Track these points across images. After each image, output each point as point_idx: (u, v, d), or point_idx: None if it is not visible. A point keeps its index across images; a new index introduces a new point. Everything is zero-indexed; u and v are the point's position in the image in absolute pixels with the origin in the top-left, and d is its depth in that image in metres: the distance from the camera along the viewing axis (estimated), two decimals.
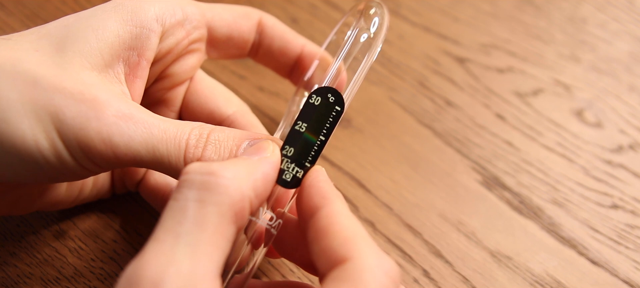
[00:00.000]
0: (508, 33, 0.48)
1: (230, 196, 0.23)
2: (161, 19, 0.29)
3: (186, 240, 0.21)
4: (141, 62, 0.29)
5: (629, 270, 0.35)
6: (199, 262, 0.21)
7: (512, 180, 0.39)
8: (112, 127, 0.25)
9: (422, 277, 0.34)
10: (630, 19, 0.50)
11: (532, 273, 0.35)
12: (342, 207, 0.25)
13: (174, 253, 0.21)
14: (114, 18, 0.28)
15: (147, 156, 0.26)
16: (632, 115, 0.43)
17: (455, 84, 0.44)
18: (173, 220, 0.22)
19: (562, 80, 0.45)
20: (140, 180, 0.34)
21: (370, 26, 0.31)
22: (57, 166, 0.26)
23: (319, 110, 0.27)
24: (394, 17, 0.49)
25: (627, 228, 0.37)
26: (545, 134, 0.42)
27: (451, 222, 0.37)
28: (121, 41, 0.28)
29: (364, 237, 0.24)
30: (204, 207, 0.22)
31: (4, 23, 0.45)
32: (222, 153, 0.27)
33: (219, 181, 0.23)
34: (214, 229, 0.22)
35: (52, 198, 0.31)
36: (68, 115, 0.25)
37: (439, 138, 0.41)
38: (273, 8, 0.48)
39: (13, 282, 0.32)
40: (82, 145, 0.25)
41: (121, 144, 0.25)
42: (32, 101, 0.25)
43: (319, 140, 0.27)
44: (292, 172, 0.27)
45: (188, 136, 0.27)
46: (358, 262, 0.22)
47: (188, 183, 0.23)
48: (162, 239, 0.22)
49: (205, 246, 0.22)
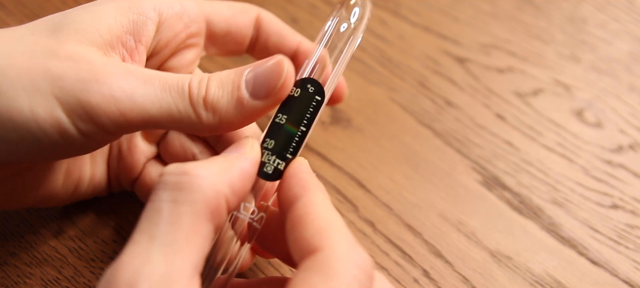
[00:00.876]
0: (508, 33, 0.48)
1: (204, 194, 0.23)
2: (158, 9, 0.29)
3: (161, 241, 0.21)
4: (138, 47, 0.29)
5: (629, 270, 0.35)
6: (174, 262, 0.21)
7: (512, 180, 0.39)
8: (113, 85, 0.25)
9: (422, 277, 0.34)
10: (630, 19, 0.50)
11: (532, 273, 0.35)
12: (321, 197, 0.25)
13: (149, 254, 0.21)
14: (112, 6, 0.28)
15: (154, 109, 0.26)
16: (632, 115, 0.43)
17: (455, 84, 0.44)
18: (148, 222, 0.22)
19: (562, 80, 0.45)
20: (136, 179, 0.34)
21: (350, 16, 0.31)
22: (57, 138, 0.25)
23: (299, 101, 0.28)
24: (394, 17, 0.49)
25: (627, 228, 0.37)
26: (545, 133, 0.42)
27: (451, 222, 0.37)
28: (119, 24, 0.28)
29: (339, 227, 0.24)
30: (177, 206, 0.22)
31: (3, 23, 0.45)
32: (226, 88, 0.26)
33: (192, 180, 0.23)
34: (189, 228, 0.22)
35: (48, 191, 0.31)
36: (67, 81, 0.24)
37: (439, 138, 0.41)
38: (273, 8, 0.48)
39: (13, 282, 0.32)
40: (85, 107, 0.25)
41: (125, 98, 0.25)
42: (28, 72, 0.24)
43: (299, 131, 0.27)
44: (273, 165, 0.27)
45: (190, 81, 0.26)
46: (329, 252, 0.22)
47: (163, 185, 0.23)
48: (138, 241, 0.22)
49: (181, 245, 0.22)
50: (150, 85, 0.26)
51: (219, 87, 0.27)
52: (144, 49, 0.29)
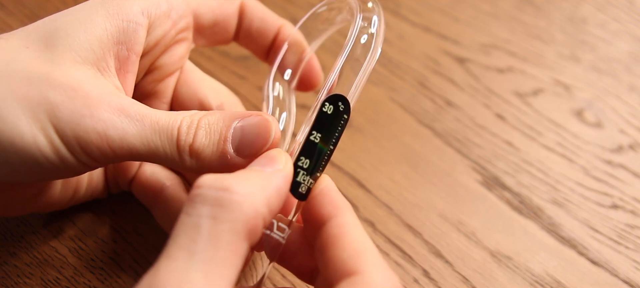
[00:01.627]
0: (508, 33, 0.48)
1: (244, 213, 0.22)
2: (147, 12, 0.30)
3: (200, 258, 0.21)
4: (130, 56, 0.29)
5: (629, 270, 0.35)
6: (213, 281, 0.21)
7: (512, 180, 0.39)
8: (107, 123, 0.26)
9: (422, 277, 0.34)
10: (630, 19, 0.50)
11: (532, 273, 0.35)
12: (353, 219, 0.25)
13: (188, 271, 0.21)
14: (101, 13, 0.28)
15: (142, 148, 0.26)
16: (632, 115, 0.43)
17: (455, 84, 0.44)
18: (186, 237, 0.22)
19: (562, 80, 0.45)
20: (132, 179, 0.34)
21: (371, 25, 0.30)
22: (57, 163, 0.26)
23: (331, 119, 0.27)
24: (394, 17, 0.49)
25: (627, 228, 0.37)
26: (545, 134, 0.42)
27: (451, 222, 0.37)
28: (109, 35, 0.28)
29: (374, 252, 0.24)
30: (217, 224, 0.22)
31: (3, 23, 0.45)
32: (212, 137, 0.27)
33: (232, 197, 0.22)
34: (228, 247, 0.22)
35: (47, 199, 0.31)
36: (64, 112, 0.25)
37: (439, 138, 0.41)
38: (273, 8, 0.48)
39: (13, 282, 0.32)
40: (80, 141, 0.25)
41: (116, 138, 0.26)
42: (27, 99, 0.25)
43: (329, 149, 0.27)
44: (307, 185, 0.27)
45: (180, 124, 0.27)
46: (367, 277, 0.23)
47: (201, 199, 0.23)
48: (176, 256, 0.21)
49: (219, 264, 0.22)
50: (142, 126, 0.26)
51: (206, 136, 0.27)
52: (137, 58, 0.29)
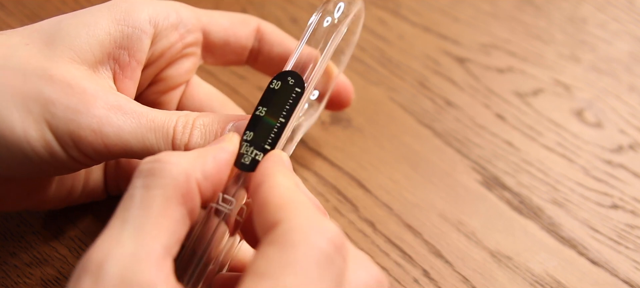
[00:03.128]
0: (508, 33, 0.48)
1: (174, 178, 0.23)
2: (154, 21, 0.30)
3: (132, 224, 0.22)
4: (131, 62, 0.29)
5: (629, 270, 0.35)
6: (144, 243, 0.21)
7: (512, 180, 0.39)
8: (103, 119, 0.26)
9: (422, 277, 0.34)
10: (630, 19, 0.50)
11: (532, 273, 0.35)
12: (282, 180, 0.24)
13: (119, 237, 0.21)
14: (107, 17, 0.28)
15: (137, 146, 0.26)
16: (632, 115, 0.43)
17: (455, 84, 0.44)
18: (122, 208, 0.23)
19: (562, 80, 0.45)
20: None
21: (335, 10, 0.31)
22: (47, 158, 0.26)
23: (278, 93, 0.28)
24: (394, 17, 0.49)
25: (627, 228, 0.37)
26: (545, 134, 0.42)
27: (451, 222, 0.37)
28: (112, 39, 0.28)
29: (300, 202, 0.23)
30: (148, 190, 0.23)
31: (3, 23, 0.45)
32: (208, 138, 0.27)
33: (163, 166, 0.23)
34: (159, 211, 0.22)
35: (41, 196, 0.31)
36: (58, 107, 0.25)
37: (439, 138, 0.41)
38: (273, 8, 0.48)
39: (13, 282, 0.32)
40: (74, 137, 0.25)
41: (111, 134, 0.26)
42: (22, 93, 0.25)
43: (278, 122, 0.27)
44: (251, 156, 0.27)
45: (175, 123, 0.27)
46: (287, 224, 0.21)
47: (137, 173, 0.23)
48: (111, 226, 0.22)
49: (150, 227, 0.22)
50: (137, 123, 0.27)
51: (201, 136, 0.27)
52: (138, 65, 0.29)
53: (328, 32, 0.31)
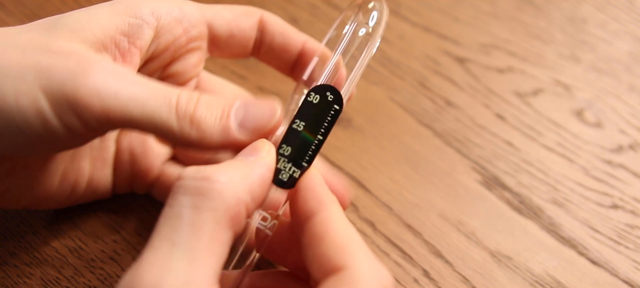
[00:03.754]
0: (508, 33, 0.48)
1: (225, 201, 0.22)
2: (156, 13, 0.29)
3: (182, 247, 0.21)
4: (131, 49, 0.28)
5: (629, 270, 0.35)
6: (196, 269, 0.21)
7: (512, 180, 0.39)
8: (100, 81, 0.25)
9: (422, 277, 0.34)
10: (630, 19, 0.50)
11: (532, 273, 0.35)
12: (338, 213, 0.25)
13: (170, 261, 0.21)
14: (109, 8, 0.28)
15: (137, 111, 0.25)
16: (632, 115, 0.43)
17: (455, 84, 0.44)
18: (169, 227, 0.22)
19: (562, 80, 0.45)
20: (152, 182, 0.34)
21: (369, 20, 0.30)
22: (38, 127, 0.25)
23: (318, 108, 0.27)
24: (394, 17, 0.49)
25: (627, 228, 0.37)
26: (545, 133, 0.42)
27: (451, 222, 0.37)
28: (113, 25, 0.28)
29: (359, 244, 0.24)
30: (199, 213, 0.22)
31: (4, 23, 0.45)
32: (215, 111, 0.26)
33: (213, 186, 0.22)
34: (210, 235, 0.22)
35: (43, 192, 0.31)
36: (55, 73, 0.25)
37: (439, 138, 0.41)
38: (273, 8, 0.48)
39: (13, 282, 0.32)
40: (70, 100, 0.25)
41: (110, 96, 0.25)
42: (18, 65, 0.25)
43: (316, 139, 0.27)
44: (288, 172, 0.26)
45: (178, 95, 0.26)
46: (353, 271, 0.22)
47: (183, 190, 0.23)
48: (158, 246, 0.21)
49: (202, 252, 0.21)
50: (139, 88, 0.26)
51: (207, 109, 0.26)
52: (138, 52, 0.29)
53: (362, 43, 0.29)
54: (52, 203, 0.32)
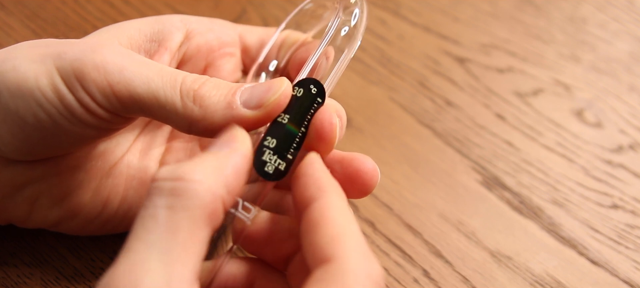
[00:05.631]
0: (508, 33, 0.48)
1: (201, 199, 0.22)
2: (186, 20, 0.30)
3: (159, 249, 0.21)
4: (160, 50, 0.29)
5: (629, 270, 0.35)
6: (174, 270, 0.21)
7: (512, 180, 0.39)
8: (108, 57, 0.26)
9: (422, 277, 0.34)
10: (630, 19, 0.50)
11: (532, 273, 0.35)
12: (337, 200, 0.24)
13: (147, 263, 0.21)
14: (139, 20, 0.29)
15: (141, 87, 0.26)
16: (632, 115, 0.43)
17: (455, 84, 0.44)
18: (144, 229, 0.22)
19: (562, 80, 0.45)
20: None
21: (351, 18, 0.30)
22: (57, 104, 0.26)
23: (301, 101, 0.27)
24: (394, 17, 0.49)
25: (627, 228, 0.37)
26: (545, 133, 0.42)
27: (451, 222, 0.37)
28: (141, 33, 0.29)
29: (353, 235, 0.23)
30: (174, 213, 0.22)
31: (4, 23, 0.45)
32: (221, 91, 0.26)
33: (188, 185, 0.22)
34: (187, 234, 0.22)
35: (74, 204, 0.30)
36: (69, 54, 0.26)
37: (439, 138, 0.41)
38: (273, 8, 0.48)
39: (13, 282, 0.32)
40: (77, 74, 0.26)
41: (115, 71, 0.26)
42: (42, 54, 0.26)
43: (300, 131, 0.27)
44: (274, 164, 0.26)
45: (185, 75, 0.27)
46: (342, 263, 0.22)
47: (157, 191, 0.22)
48: (134, 248, 0.21)
49: (179, 253, 0.21)
50: (143, 67, 0.26)
51: (213, 88, 0.26)
52: (167, 52, 0.29)
53: (345, 40, 0.30)
54: (81, 220, 0.31)
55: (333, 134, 0.27)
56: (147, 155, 0.32)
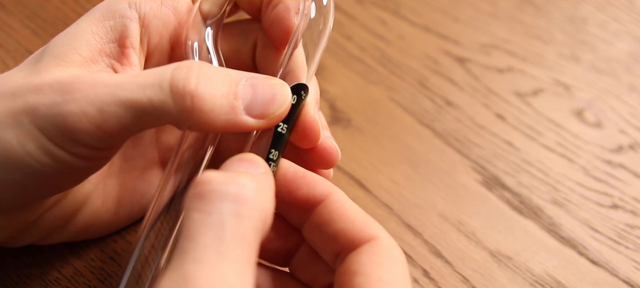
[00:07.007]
0: (508, 33, 0.48)
1: (263, 210, 0.22)
2: (135, 5, 0.28)
3: (231, 259, 0.21)
4: (124, 51, 0.27)
5: (629, 270, 0.35)
6: (247, 281, 0.21)
7: (512, 180, 0.39)
8: (82, 101, 0.24)
9: (422, 277, 0.34)
10: (630, 19, 0.50)
11: (532, 273, 0.35)
12: (342, 192, 0.26)
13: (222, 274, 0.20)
14: (87, 19, 0.27)
15: (131, 113, 0.24)
16: (632, 115, 0.43)
17: (455, 84, 0.44)
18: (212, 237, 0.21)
19: (562, 80, 0.45)
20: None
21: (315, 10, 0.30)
22: (51, 163, 0.25)
23: (294, 108, 0.27)
24: (394, 17, 0.49)
25: (627, 228, 0.37)
26: (545, 133, 0.42)
27: (451, 222, 0.37)
28: (97, 37, 0.27)
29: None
30: (242, 221, 0.21)
31: (4, 23, 0.45)
32: (220, 89, 0.25)
33: (250, 194, 0.22)
34: (253, 245, 0.22)
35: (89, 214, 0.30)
36: (42, 109, 0.24)
37: (439, 138, 0.41)
38: None
39: (13, 282, 0.32)
40: (62, 130, 0.24)
41: (95, 112, 0.24)
42: (11, 112, 0.25)
43: (288, 133, 0.27)
44: (273, 170, 0.27)
45: (171, 71, 0.25)
46: (385, 239, 0.24)
47: (219, 195, 0.22)
48: (205, 260, 0.20)
49: (249, 263, 0.21)
50: (120, 89, 0.25)
51: (209, 84, 0.25)
52: (133, 51, 0.28)
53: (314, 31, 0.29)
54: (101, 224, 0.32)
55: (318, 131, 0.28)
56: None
